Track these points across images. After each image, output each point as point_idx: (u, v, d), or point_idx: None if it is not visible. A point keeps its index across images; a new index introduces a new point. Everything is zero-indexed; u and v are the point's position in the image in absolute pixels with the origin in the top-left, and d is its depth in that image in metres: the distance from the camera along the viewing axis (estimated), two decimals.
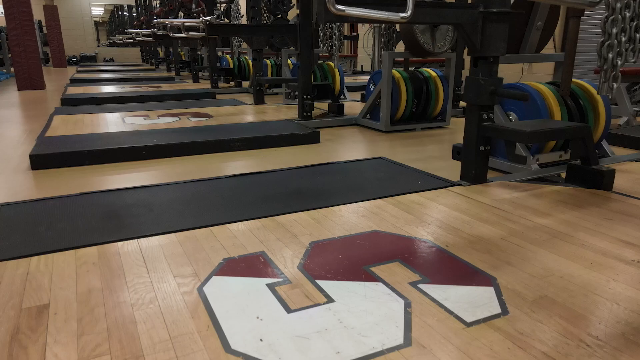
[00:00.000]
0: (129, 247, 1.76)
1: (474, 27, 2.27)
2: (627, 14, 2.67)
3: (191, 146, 3.56)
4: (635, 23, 2.69)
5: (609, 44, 2.70)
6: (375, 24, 6.56)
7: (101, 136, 3.82)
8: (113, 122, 4.60)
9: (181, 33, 4.75)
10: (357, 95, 6.91)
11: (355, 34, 13.20)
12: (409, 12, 1.71)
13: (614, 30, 2.65)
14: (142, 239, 1.83)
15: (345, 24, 12.62)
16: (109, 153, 3.32)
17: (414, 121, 4.59)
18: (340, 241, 1.82)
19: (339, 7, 1.61)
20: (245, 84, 8.47)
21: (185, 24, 4.54)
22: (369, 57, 11.92)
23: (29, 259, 1.66)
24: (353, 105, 5.89)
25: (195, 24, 4.36)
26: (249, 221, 2.02)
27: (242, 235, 1.87)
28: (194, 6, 7.22)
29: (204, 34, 4.29)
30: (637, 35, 2.71)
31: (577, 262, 1.63)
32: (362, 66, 12.88)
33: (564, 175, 2.68)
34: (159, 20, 5.08)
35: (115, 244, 1.79)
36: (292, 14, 8.22)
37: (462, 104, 5.50)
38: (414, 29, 4.14)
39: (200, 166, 3.19)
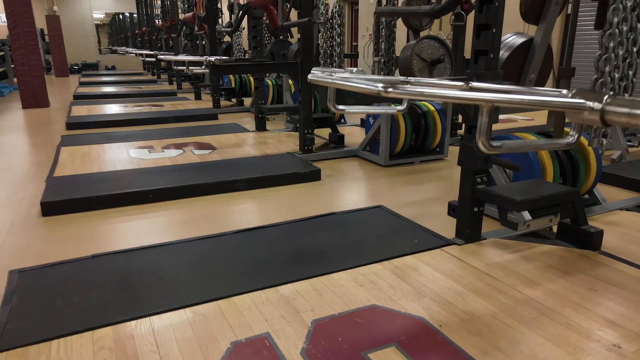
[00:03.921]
0: (142, 327, 1.88)
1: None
2: (616, 75, 2.77)
3: (196, 188, 3.68)
4: (624, 84, 2.80)
5: None
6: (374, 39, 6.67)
7: (108, 176, 3.94)
8: (119, 155, 4.71)
9: (184, 66, 4.86)
10: (357, 117, 7.00)
11: (355, 45, 13.31)
12: (405, 106, 1.82)
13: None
14: (154, 317, 1.95)
15: (346, 41, 12.70)
16: (117, 198, 3.44)
17: (412, 154, 4.70)
18: (341, 319, 1.93)
19: (340, 107, 1.72)
20: (247, 101, 8.57)
21: (189, 60, 4.65)
22: (369, 68, 12.02)
23: (49, 343, 1.78)
24: (353, 132, 6.00)
25: (199, 61, 4.46)
26: (253, 293, 2.13)
27: (247, 312, 1.99)
28: (196, 28, 7.32)
29: (207, 70, 4.39)
30: (626, 95, 2.81)
31: (562, 347, 1.74)
32: None
33: (555, 228, 2.79)
34: (162, 58, 5.19)
35: (129, 323, 1.91)
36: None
37: (460, 132, 5.61)
38: (412, 68, 4.25)
39: (205, 211, 3.30)
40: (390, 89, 1.20)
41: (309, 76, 1.56)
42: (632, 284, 2.20)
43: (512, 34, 3.34)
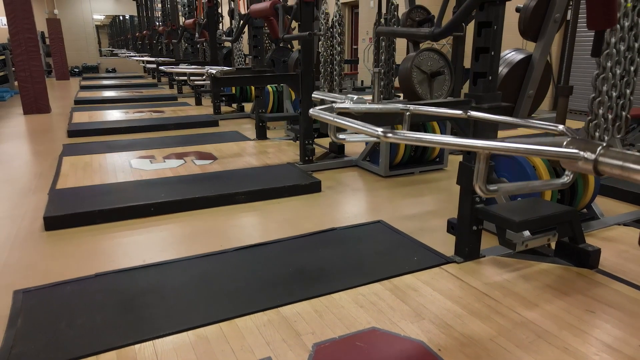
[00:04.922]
0: (145, 351, 1.91)
1: (467, 121, 2.41)
2: (614, 94, 2.80)
3: (197, 201, 3.71)
4: (621, 102, 2.83)
5: (596, 123, 2.84)
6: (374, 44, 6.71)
7: (110, 188, 3.97)
8: (120, 165, 4.75)
9: (185, 76, 4.90)
10: None
11: (355, 48, 13.34)
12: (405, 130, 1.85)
13: (601, 111, 2.79)
14: (157, 340, 1.98)
15: (346, 48, 12.73)
16: (119, 212, 3.47)
17: (412, 165, 4.73)
18: (341, 342, 1.96)
19: (341, 136, 1.75)
20: (247, 106, 8.59)
21: (190, 71, 4.68)
22: (369, 72, 12.03)
23: None
24: None
25: (200, 73, 4.50)
26: (255, 314, 2.16)
27: (249, 335, 2.01)
28: (197, 35, 7.34)
29: (207, 82, 4.43)
30: (623, 113, 2.85)
31: None
32: (362, 81, 13.00)
33: (553, 244, 2.82)
34: (164, 68, 5.24)
35: (132, 347, 1.93)
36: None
37: None
38: (412, 80, 4.28)
39: (207, 225, 3.34)
40: (389, 134, 1.23)
41: (310, 111, 1.59)
42: (629, 305, 2.23)
43: (511, 50, 3.37)
